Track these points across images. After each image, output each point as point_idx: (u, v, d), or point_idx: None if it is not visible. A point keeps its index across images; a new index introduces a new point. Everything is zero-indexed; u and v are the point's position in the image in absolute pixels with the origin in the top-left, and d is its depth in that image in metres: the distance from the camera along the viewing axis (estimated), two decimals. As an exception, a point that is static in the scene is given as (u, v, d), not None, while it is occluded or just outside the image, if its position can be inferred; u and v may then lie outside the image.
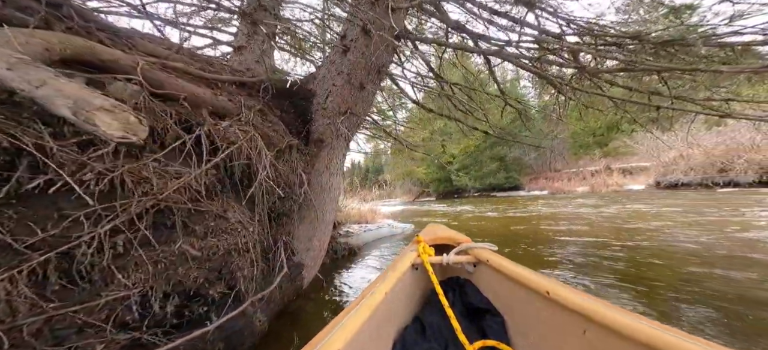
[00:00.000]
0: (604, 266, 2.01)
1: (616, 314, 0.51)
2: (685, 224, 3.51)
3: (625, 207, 5.85)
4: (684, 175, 9.40)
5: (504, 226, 4.67)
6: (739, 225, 3.18)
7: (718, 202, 5.28)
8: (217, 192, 0.99)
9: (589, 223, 4.25)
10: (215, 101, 1.11)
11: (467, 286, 1.00)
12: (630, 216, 4.57)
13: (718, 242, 2.51)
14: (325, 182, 1.64)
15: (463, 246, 1.04)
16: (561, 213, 5.70)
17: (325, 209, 1.59)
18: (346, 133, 1.77)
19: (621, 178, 12.48)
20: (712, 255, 2.15)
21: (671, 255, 2.21)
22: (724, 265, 1.86)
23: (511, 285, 0.83)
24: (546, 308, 0.69)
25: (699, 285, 1.59)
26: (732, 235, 2.74)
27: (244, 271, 0.95)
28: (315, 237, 1.50)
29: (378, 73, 1.85)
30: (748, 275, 1.68)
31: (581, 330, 0.58)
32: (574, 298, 0.61)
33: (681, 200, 6.05)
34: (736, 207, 4.53)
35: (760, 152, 7.74)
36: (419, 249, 1.02)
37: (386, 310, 0.78)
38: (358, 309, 0.65)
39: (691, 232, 3.01)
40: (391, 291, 0.80)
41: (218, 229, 0.93)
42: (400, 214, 8.33)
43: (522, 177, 18.73)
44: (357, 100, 1.79)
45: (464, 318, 0.88)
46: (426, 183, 25.86)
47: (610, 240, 2.92)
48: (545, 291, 0.68)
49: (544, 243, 2.98)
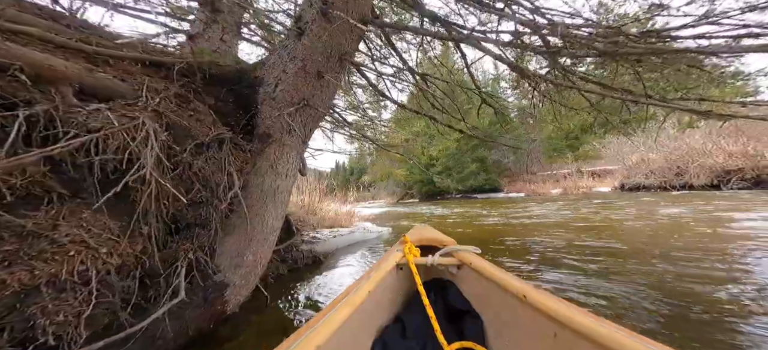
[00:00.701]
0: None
1: (584, 318, 0.53)
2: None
3: (578, 212, 6.06)
4: (645, 178, 10.06)
5: (483, 230, 4.62)
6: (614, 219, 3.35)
7: (647, 204, 5.60)
8: (53, 199, 0.70)
9: (556, 225, 4.30)
10: (89, 78, 0.82)
11: (450, 288, 1.00)
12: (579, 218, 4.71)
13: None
14: (269, 185, 1.36)
15: (448, 248, 1.05)
16: (535, 219, 5.78)
17: (266, 216, 1.31)
18: (300, 129, 1.52)
19: (590, 181, 13.18)
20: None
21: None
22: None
23: (491, 288, 0.84)
24: (522, 311, 0.71)
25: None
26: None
27: (65, 312, 0.65)
28: (248, 251, 1.21)
29: (340, 62, 1.60)
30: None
31: (552, 333, 0.60)
32: (547, 302, 0.63)
33: (626, 202, 6.38)
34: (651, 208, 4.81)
35: (710, 157, 8.44)
36: (405, 250, 1.02)
37: (368, 309, 0.78)
38: (339, 307, 0.65)
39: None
40: (374, 290, 0.80)
41: (24, 253, 0.63)
42: (379, 217, 8.12)
43: (501, 180, 19.30)
44: (314, 91, 1.54)
45: (445, 319, 0.89)
46: (409, 185, 25.97)
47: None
48: (522, 295, 0.69)
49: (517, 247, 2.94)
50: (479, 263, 0.92)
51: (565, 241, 2.98)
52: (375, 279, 0.84)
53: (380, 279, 0.86)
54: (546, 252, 2.58)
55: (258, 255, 1.28)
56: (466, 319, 0.89)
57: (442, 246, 1.10)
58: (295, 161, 1.54)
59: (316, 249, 2.63)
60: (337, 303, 0.69)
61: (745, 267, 1.84)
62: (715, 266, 1.89)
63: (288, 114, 1.42)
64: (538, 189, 15.00)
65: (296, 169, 1.55)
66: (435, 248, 1.12)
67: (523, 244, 3.03)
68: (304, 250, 2.46)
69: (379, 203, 24.85)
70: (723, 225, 3.23)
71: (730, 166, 7.87)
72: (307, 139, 1.71)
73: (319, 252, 2.64)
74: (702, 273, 1.77)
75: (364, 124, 5.84)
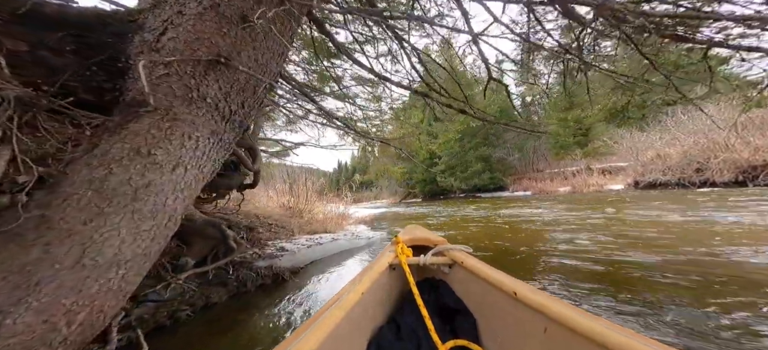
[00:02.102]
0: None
1: (572, 313, 0.54)
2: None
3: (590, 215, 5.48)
4: (662, 174, 9.39)
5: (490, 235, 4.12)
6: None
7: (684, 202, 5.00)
8: None
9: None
10: None
11: (442, 287, 1.02)
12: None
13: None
14: (136, 180, 0.88)
15: (440, 247, 1.05)
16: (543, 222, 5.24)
17: (104, 235, 0.81)
18: (222, 101, 1.06)
19: (601, 179, 12.51)
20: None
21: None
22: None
23: (482, 286, 0.84)
24: (513, 308, 0.70)
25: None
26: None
27: None
28: (63, 297, 0.70)
29: (281, 2, 1.12)
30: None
31: (542, 328, 0.60)
32: (537, 299, 0.63)
33: (650, 203, 5.78)
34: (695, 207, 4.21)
35: (735, 152, 7.76)
36: (397, 250, 1.02)
37: (362, 310, 0.77)
38: (333, 309, 0.64)
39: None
40: (367, 292, 0.80)
41: None
42: (377, 219, 7.64)
43: (506, 178, 18.68)
44: (235, 43, 1.06)
45: (438, 318, 0.87)
46: (412, 184, 25.52)
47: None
48: (513, 292, 0.70)
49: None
50: (471, 262, 0.92)
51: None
52: (368, 280, 0.83)
53: (373, 280, 0.86)
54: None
55: (90, 299, 0.74)
56: (459, 317, 0.89)
57: (433, 246, 1.09)
58: (205, 147, 1.04)
59: (279, 265, 2.15)
60: (331, 306, 0.68)
61: None
62: None
63: (188, 73, 0.96)
64: (545, 188, 14.38)
65: (209, 161, 1.05)
66: (427, 248, 1.12)
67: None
68: (259, 267, 1.99)
69: (380, 203, 24.43)
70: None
71: (757, 161, 7.19)
72: (241, 118, 1.23)
73: (284, 268, 2.17)
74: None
75: (357, 119, 5.38)
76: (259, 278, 1.93)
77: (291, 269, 2.23)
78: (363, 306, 0.77)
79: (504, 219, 5.52)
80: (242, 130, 1.34)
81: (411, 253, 1.04)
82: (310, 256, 2.64)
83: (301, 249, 2.57)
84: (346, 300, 0.69)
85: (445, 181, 20.61)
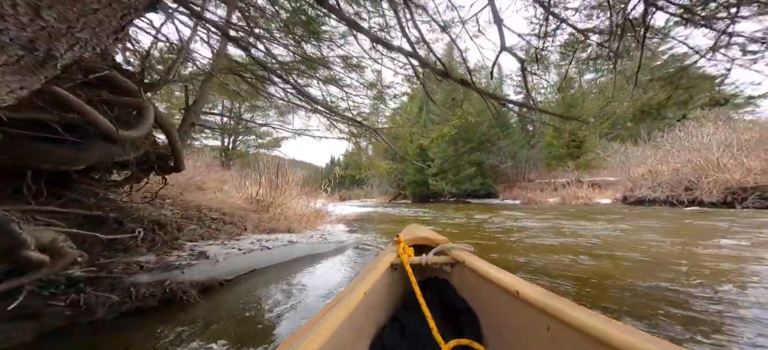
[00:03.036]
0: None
1: (576, 312, 0.54)
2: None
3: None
4: (651, 191, 9.23)
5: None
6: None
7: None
8: None
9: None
10: None
11: (444, 286, 1.01)
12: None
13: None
14: None
15: (441, 246, 1.05)
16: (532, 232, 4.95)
17: None
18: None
19: (590, 192, 12.35)
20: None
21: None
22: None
23: (485, 285, 0.83)
24: (516, 307, 0.70)
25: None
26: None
27: None
28: None
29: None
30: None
31: (546, 326, 0.60)
32: (540, 297, 0.63)
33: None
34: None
35: (726, 172, 7.60)
36: (399, 250, 1.01)
37: (364, 310, 0.76)
38: (335, 310, 0.62)
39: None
40: (369, 292, 0.79)
41: None
42: (360, 219, 7.26)
43: (497, 185, 18.49)
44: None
45: (441, 318, 0.85)
46: (403, 185, 25.20)
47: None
48: (515, 290, 0.69)
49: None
50: (473, 261, 0.91)
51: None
52: (370, 281, 0.82)
53: (375, 280, 0.85)
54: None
55: None
56: (461, 317, 0.88)
57: (435, 245, 1.10)
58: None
59: (182, 279, 1.57)
60: (332, 307, 0.67)
61: None
62: None
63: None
64: (534, 197, 14.20)
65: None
66: (428, 247, 1.13)
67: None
68: (139, 284, 1.40)
69: (369, 202, 24.06)
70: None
71: (748, 183, 7.03)
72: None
73: (194, 282, 1.62)
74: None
75: (346, 108, 4.99)
76: (134, 299, 1.34)
77: (206, 283, 1.70)
78: (365, 307, 0.76)
79: (491, 230, 5.21)
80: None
81: (413, 253, 1.03)
82: (245, 265, 2.10)
83: (231, 256, 2.04)
84: (348, 300, 0.68)
85: (437, 184, 20.35)
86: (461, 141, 19.83)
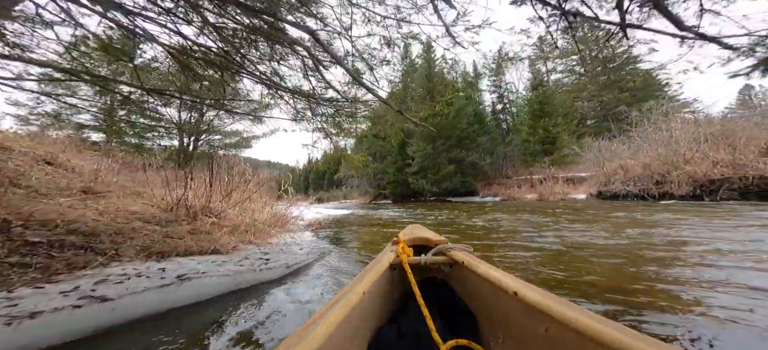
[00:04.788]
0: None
1: (574, 313, 0.53)
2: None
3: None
4: (624, 186, 9.38)
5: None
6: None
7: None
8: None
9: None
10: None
11: (443, 287, 1.02)
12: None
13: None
14: None
15: (441, 247, 1.04)
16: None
17: None
18: None
19: (566, 188, 12.54)
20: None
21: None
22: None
23: (483, 285, 0.83)
24: (514, 307, 0.70)
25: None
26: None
27: None
28: None
29: None
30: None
31: (544, 327, 0.60)
32: (538, 298, 0.62)
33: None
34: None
35: (693, 165, 7.80)
36: (398, 250, 1.01)
37: (363, 310, 0.75)
38: (334, 310, 0.62)
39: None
40: (368, 292, 0.77)
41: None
42: (335, 224, 6.34)
43: (477, 183, 18.48)
44: None
45: (440, 318, 0.87)
46: (383, 184, 24.55)
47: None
48: (513, 291, 0.69)
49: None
50: (471, 261, 0.91)
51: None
52: (368, 281, 0.81)
53: (374, 280, 0.84)
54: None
55: None
56: (460, 317, 0.90)
57: (434, 245, 1.10)
58: None
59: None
60: (331, 306, 0.65)
61: None
62: None
63: None
64: (513, 194, 14.23)
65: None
66: (427, 247, 1.15)
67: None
68: None
69: (349, 203, 23.04)
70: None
71: (715, 175, 7.22)
72: None
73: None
74: None
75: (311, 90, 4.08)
76: None
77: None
78: (364, 307, 0.75)
79: (474, 229, 4.59)
80: None
81: (412, 253, 1.03)
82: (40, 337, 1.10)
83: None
84: (346, 300, 0.66)
85: (417, 183, 19.94)
86: (440, 139, 19.59)
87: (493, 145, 21.09)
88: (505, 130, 26.84)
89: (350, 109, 4.12)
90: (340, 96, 3.93)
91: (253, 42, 3.20)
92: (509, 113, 29.08)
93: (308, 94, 3.72)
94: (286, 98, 3.92)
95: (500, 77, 29.45)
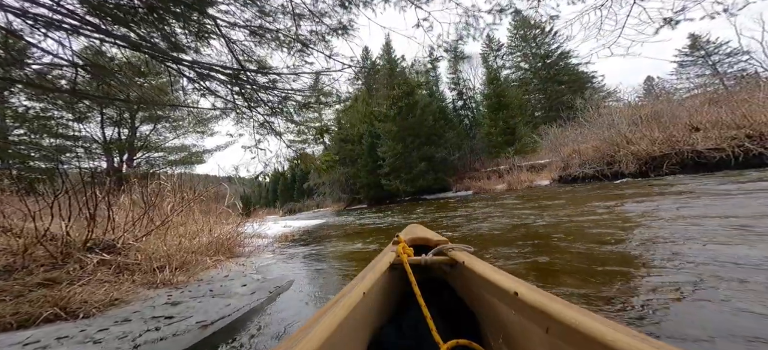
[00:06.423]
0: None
1: (575, 313, 0.53)
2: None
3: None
4: (581, 168, 10.06)
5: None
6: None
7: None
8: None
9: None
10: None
11: (444, 287, 1.02)
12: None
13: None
14: None
15: (441, 247, 1.05)
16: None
17: None
18: None
19: (531, 175, 13.22)
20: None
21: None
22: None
23: (484, 285, 0.82)
24: (515, 308, 0.70)
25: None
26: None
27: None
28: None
29: None
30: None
31: (545, 328, 0.60)
32: (538, 299, 0.62)
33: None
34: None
35: (635, 144, 8.59)
36: (399, 250, 1.02)
37: (364, 310, 0.76)
38: (334, 310, 0.62)
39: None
40: (368, 292, 0.78)
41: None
42: (306, 237, 5.56)
43: (449, 178, 18.79)
44: None
45: (440, 318, 0.85)
46: (356, 189, 23.84)
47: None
48: (514, 292, 0.68)
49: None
50: (472, 261, 0.91)
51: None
52: (369, 280, 0.82)
53: (374, 279, 0.84)
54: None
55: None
56: (460, 317, 0.90)
57: (435, 245, 1.11)
58: None
59: None
60: (331, 306, 0.66)
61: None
62: None
63: None
64: (484, 186, 14.64)
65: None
66: (428, 247, 1.15)
67: None
68: None
69: (322, 212, 21.90)
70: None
71: (655, 153, 7.99)
72: None
73: None
74: None
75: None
76: None
77: None
78: (364, 307, 0.75)
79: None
80: None
81: (412, 253, 1.04)
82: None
83: None
84: (347, 300, 0.67)
85: (391, 184, 19.66)
86: (409, 137, 19.57)
87: (460, 139, 21.71)
88: (468, 125, 27.93)
89: (301, 97, 3.44)
90: (278, 73, 3.19)
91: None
92: (470, 108, 30.40)
93: (234, 72, 2.89)
94: (212, 88, 3.12)
95: (458, 73, 30.65)
